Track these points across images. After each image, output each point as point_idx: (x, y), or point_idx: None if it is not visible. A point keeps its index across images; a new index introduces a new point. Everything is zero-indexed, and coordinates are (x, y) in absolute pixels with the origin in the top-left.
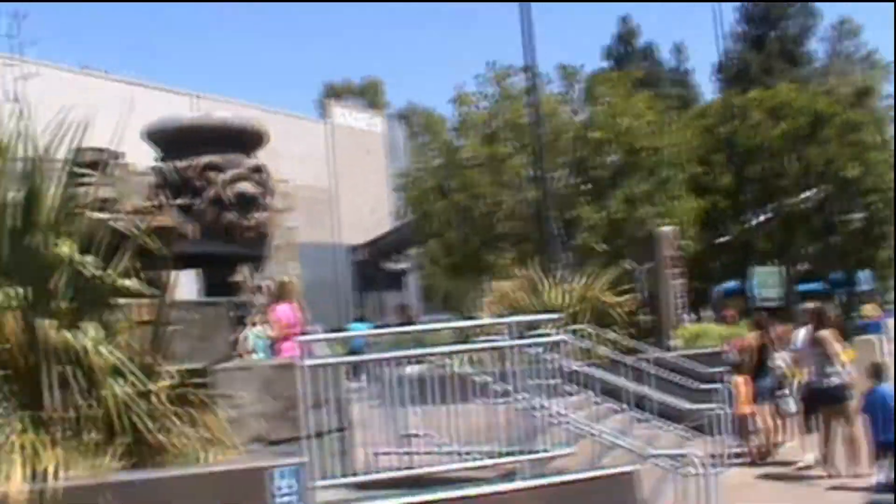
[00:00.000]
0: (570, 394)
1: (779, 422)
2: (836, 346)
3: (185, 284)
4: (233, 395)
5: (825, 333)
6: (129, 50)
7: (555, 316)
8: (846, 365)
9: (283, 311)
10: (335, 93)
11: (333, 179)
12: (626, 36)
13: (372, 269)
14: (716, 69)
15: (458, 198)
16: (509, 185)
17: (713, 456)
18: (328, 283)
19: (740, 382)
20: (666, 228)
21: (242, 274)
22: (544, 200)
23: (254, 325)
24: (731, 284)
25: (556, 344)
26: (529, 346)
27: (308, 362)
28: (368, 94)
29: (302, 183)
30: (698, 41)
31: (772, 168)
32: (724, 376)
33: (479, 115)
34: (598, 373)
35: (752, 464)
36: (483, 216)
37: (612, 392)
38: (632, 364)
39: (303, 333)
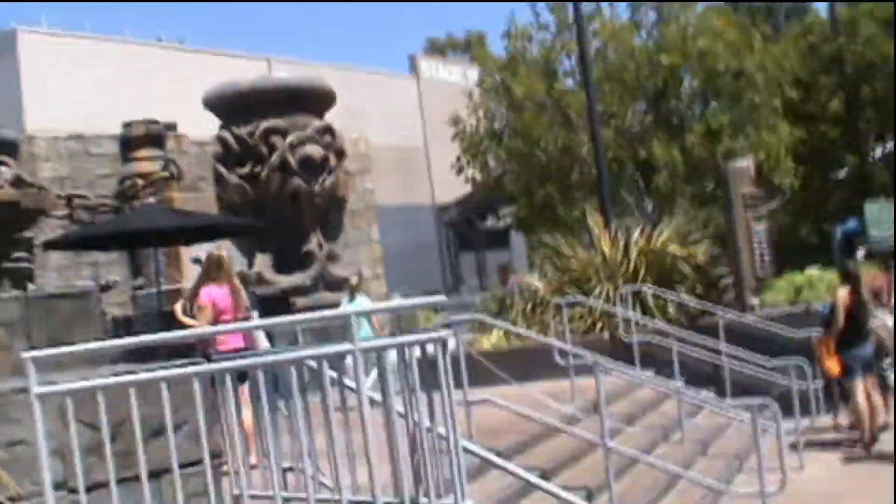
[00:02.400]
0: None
1: (882, 399)
2: None
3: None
4: None
5: None
6: (203, 19)
7: (435, 299)
8: None
9: (211, 293)
10: (438, 48)
11: (423, 137)
12: None
13: (466, 228)
14: None
15: (514, 144)
16: (574, 126)
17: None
18: (418, 247)
19: (822, 343)
20: (741, 161)
21: (316, 242)
22: (594, 139)
23: None
24: (854, 225)
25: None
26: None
27: (38, 390)
28: (475, 49)
29: (390, 143)
30: None
31: (889, 89)
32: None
33: (538, 49)
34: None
35: (850, 458)
36: (547, 163)
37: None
38: (686, 333)
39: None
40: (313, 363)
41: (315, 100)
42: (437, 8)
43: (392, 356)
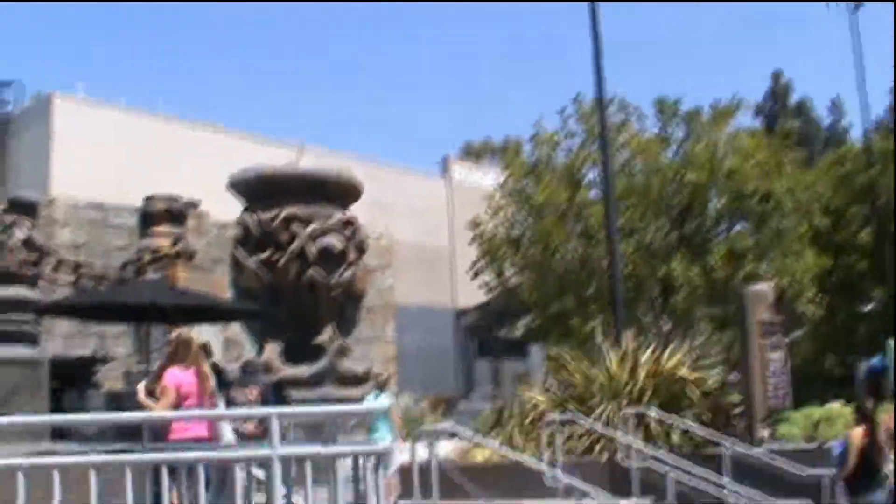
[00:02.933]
0: None
1: None
2: None
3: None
4: None
5: None
6: (238, 99)
7: (352, 408)
8: None
9: (176, 376)
10: (474, 152)
11: (449, 239)
12: (777, 91)
13: (485, 334)
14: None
15: (532, 251)
16: (593, 237)
17: None
18: (435, 349)
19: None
20: (760, 286)
21: (328, 335)
22: (612, 252)
23: None
24: (881, 361)
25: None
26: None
27: None
28: (508, 154)
29: (415, 241)
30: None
31: None
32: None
33: (563, 157)
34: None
35: None
36: (563, 273)
37: (682, 495)
38: (687, 463)
39: (204, 407)
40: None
41: (340, 191)
42: (477, 112)
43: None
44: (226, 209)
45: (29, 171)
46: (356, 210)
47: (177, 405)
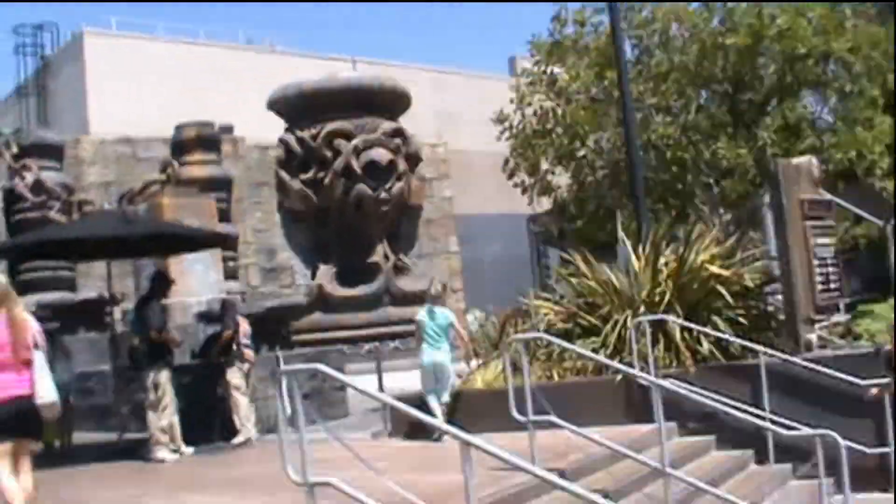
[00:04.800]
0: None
1: None
2: None
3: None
4: None
5: None
6: (285, 19)
7: None
8: None
9: None
10: (543, 48)
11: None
12: None
13: (556, 238)
14: None
15: (560, 140)
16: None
17: None
18: (513, 258)
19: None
20: (800, 159)
21: (382, 253)
22: (627, 134)
23: None
24: None
25: None
26: None
27: None
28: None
29: (489, 149)
30: None
31: None
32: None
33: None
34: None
35: None
36: (591, 163)
37: (710, 417)
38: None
39: (21, 361)
40: None
41: (386, 101)
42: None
43: None
44: (272, 133)
45: (68, 111)
46: (420, 120)
47: None
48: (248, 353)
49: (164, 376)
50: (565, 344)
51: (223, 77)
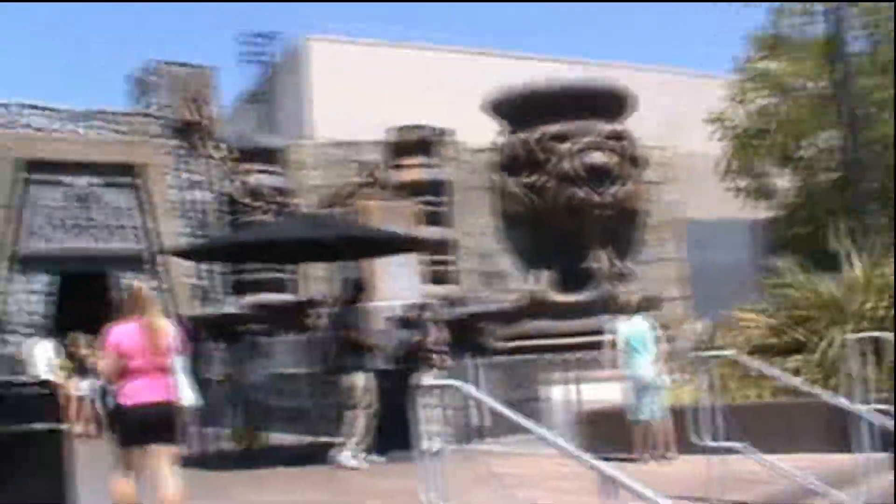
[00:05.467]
0: None
1: None
2: None
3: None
4: None
5: None
6: (503, 20)
7: None
8: None
9: (120, 334)
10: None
11: None
12: None
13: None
14: None
15: (780, 139)
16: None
17: None
18: (736, 266)
19: None
20: None
21: (602, 259)
22: (850, 133)
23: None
24: None
25: None
26: None
27: None
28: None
29: (714, 150)
30: None
31: None
32: None
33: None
34: None
35: None
36: (820, 168)
37: None
38: None
39: (156, 368)
40: None
41: (608, 103)
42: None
43: None
44: (490, 136)
45: (292, 117)
46: (646, 123)
47: (118, 366)
48: (439, 360)
49: (361, 380)
50: (751, 362)
51: (442, 81)
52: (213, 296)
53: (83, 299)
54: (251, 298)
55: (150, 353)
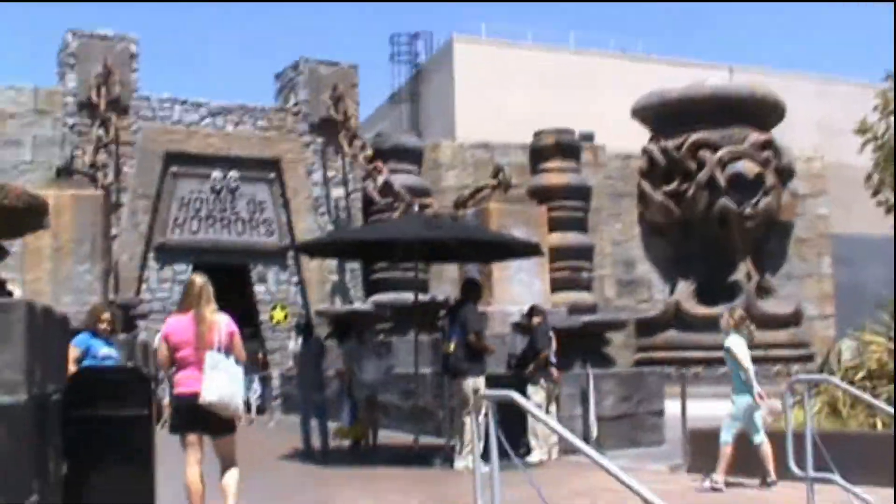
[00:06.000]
0: None
1: None
2: None
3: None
4: None
5: None
6: (656, 23)
7: None
8: None
9: (173, 325)
10: None
11: None
12: None
13: None
14: None
15: None
16: None
17: None
18: (879, 286)
19: None
20: None
21: (744, 272)
22: None
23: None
24: None
25: None
26: None
27: None
28: None
29: (864, 164)
30: None
31: None
32: None
33: None
34: None
35: None
36: None
37: None
38: None
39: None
40: None
41: (756, 111)
42: None
43: None
44: (636, 142)
45: (437, 117)
46: (800, 132)
47: (170, 356)
48: (555, 372)
49: (475, 384)
50: (848, 388)
51: (590, 84)
52: (347, 292)
53: (219, 291)
54: (381, 297)
55: (197, 346)
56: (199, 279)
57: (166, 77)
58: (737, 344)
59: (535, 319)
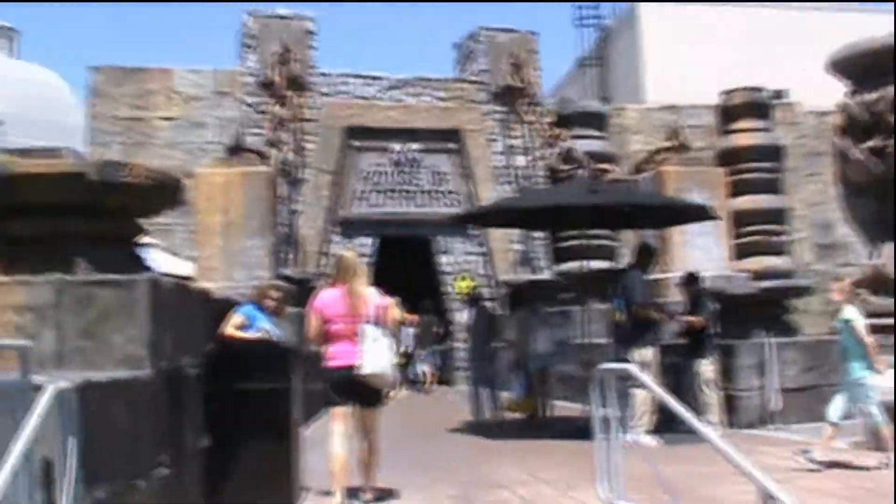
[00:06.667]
0: None
1: None
2: None
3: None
4: None
5: None
6: None
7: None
8: None
9: (324, 299)
10: None
11: None
12: None
13: None
14: None
15: None
16: None
17: None
18: None
19: None
20: None
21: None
22: None
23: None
24: None
25: None
26: None
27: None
28: None
29: None
30: None
31: None
32: None
33: None
34: None
35: None
36: None
37: None
38: None
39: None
40: None
41: None
42: None
43: None
44: (833, 98)
45: (624, 81)
46: None
47: (322, 329)
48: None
49: (646, 356)
50: None
51: (783, 39)
52: (534, 262)
53: (402, 263)
54: (566, 266)
55: (350, 319)
56: (350, 254)
57: (344, 52)
58: (855, 316)
59: (690, 287)
